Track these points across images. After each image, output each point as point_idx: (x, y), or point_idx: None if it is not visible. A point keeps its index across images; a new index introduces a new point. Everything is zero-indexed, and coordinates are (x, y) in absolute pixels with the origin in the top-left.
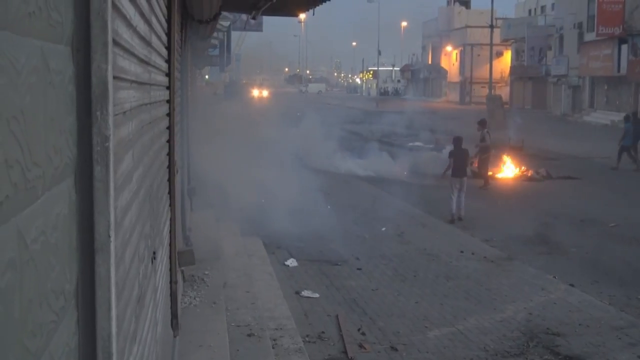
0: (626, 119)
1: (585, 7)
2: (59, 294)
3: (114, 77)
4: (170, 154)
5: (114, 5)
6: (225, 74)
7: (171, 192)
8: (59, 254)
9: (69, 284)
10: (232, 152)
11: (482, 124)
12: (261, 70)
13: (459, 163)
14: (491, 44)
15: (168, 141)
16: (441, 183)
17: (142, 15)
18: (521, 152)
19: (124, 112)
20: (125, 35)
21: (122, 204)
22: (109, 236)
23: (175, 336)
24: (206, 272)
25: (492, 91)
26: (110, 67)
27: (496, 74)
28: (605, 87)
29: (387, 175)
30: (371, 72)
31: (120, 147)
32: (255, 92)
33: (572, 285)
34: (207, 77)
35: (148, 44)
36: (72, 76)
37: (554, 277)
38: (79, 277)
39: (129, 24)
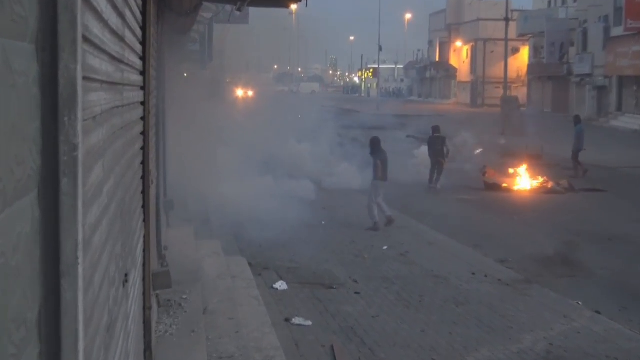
0: (576, 120)
1: None
2: (20, 323)
3: (84, 78)
4: (144, 163)
5: None
6: (207, 72)
7: (145, 206)
8: (20, 278)
9: (31, 312)
10: (214, 160)
11: (432, 129)
12: (247, 68)
13: (384, 166)
14: (506, 39)
15: (142, 148)
16: (451, 197)
17: (115, 7)
18: (540, 161)
19: (94, 117)
20: (96, 30)
21: (91, 220)
22: (77, 258)
23: None
24: (184, 297)
25: (508, 92)
26: (79, 67)
27: (512, 73)
28: (635, 88)
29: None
30: (371, 70)
31: (90, 156)
32: (240, 93)
33: (598, 312)
34: (185, 75)
35: (121, 39)
36: (36, 77)
37: (578, 302)
38: (43, 304)
39: (100, 18)
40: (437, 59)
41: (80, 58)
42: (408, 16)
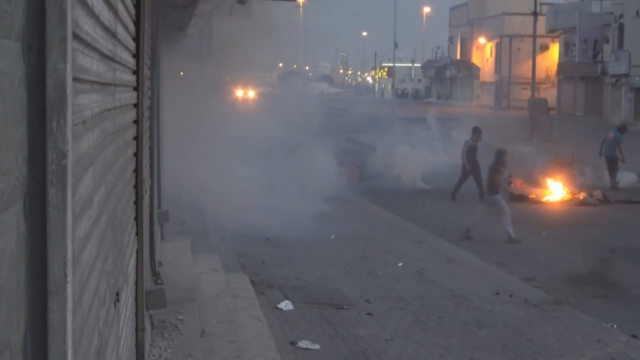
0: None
1: None
2: (4, 347)
3: (73, 79)
4: (137, 171)
5: None
6: (206, 70)
7: (138, 218)
8: (4, 298)
9: (15, 334)
10: (212, 168)
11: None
12: (249, 66)
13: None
14: (534, 36)
15: (135, 154)
16: (473, 209)
17: (107, 0)
18: (571, 170)
19: (84, 121)
20: (87, 26)
21: (80, 234)
22: (65, 275)
23: None
24: (180, 317)
25: (536, 94)
26: (69, 67)
27: (540, 73)
28: None
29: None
30: (385, 69)
31: (79, 164)
32: (240, 93)
33: (634, 336)
34: (182, 73)
35: (113, 35)
36: (22, 78)
37: (613, 325)
38: (28, 326)
39: (91, 12)
40: (458, 57)
41: (70, 57)
42: (426, 10)
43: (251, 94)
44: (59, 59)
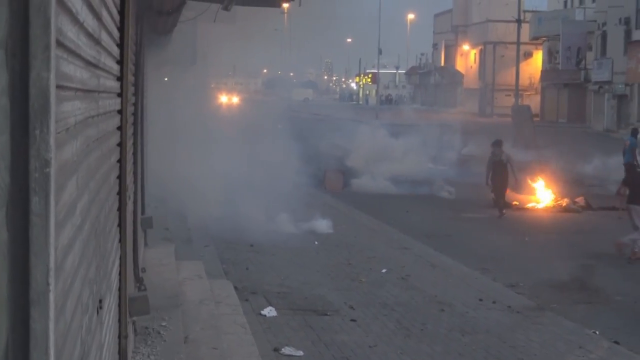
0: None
1: None
2: None
3: (57, 86)
4: (121, 177)
5: None
6: (190, 76)
7: (121, 225)
8: None
9: None
10: (196, 174)
11: (498, 144)
12: (234, 72)
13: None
14: (518, 43)
15: (119, 161)
16: (457, 215)
17: (91, 7)
18: (554, 177)
19: (67, 129)
20: (70, 33)
21: (63, 242)
22: (48, 284)
23: None
24: (163, 324)
25: (519, 100)
26: (52, 76)
27: (524, 80)
28: None
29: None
30: (370, 76)
31: (63, 172)
32: (224, 99)
33: (616, 342)
34: (166, 79)
35: (97, 42)
36: (5, 87)
37: (595, 332)
38: (10, 335)
39: (75, 20)
40: (442, 64)
41: (53, 65)
42: (411, 16)
43: (235, 99)
44: (43, 67)
